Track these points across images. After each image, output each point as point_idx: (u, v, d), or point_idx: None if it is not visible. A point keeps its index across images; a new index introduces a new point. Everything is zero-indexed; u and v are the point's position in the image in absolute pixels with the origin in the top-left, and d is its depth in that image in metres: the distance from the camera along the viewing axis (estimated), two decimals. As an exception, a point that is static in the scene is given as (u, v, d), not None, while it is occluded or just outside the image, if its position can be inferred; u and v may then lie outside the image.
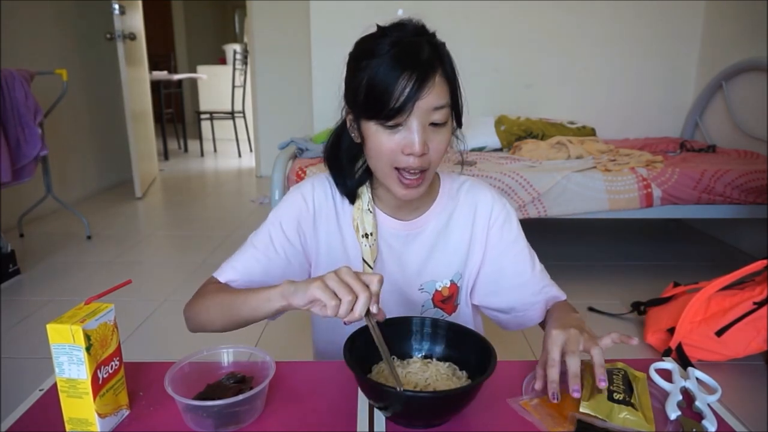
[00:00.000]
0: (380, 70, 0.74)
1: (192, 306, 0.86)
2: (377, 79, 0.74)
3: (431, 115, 0.76)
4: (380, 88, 0.74)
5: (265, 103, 4.68)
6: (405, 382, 0.71)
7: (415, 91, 0.73)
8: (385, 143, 0.77)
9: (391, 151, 0.77)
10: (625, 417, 0.64)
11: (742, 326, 1.75)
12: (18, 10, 3.27)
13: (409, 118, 0.75)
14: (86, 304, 0.66)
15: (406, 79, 0.73)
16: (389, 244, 0.91)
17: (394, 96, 0.73)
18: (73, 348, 0.62)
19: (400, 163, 0.78)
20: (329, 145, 0.91)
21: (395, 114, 0.74)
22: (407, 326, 0.78)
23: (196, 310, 0.85)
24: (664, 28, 3.35)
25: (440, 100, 0.76)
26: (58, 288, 2.45)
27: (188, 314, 0.87)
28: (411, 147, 0.76)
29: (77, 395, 0.63)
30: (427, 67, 0.74)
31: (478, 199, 0.93)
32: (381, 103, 0.74)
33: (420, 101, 0.74)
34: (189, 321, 0.87)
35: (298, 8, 4.01)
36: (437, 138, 0.78)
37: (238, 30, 8.71)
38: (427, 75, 0.74)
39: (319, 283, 0.66)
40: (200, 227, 3.46)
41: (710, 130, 3.25)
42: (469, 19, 3.34)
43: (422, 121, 0.76)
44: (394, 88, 0.73)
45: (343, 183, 0.89)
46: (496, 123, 3.12)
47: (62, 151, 3.71)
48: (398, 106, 0.73)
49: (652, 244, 3.12)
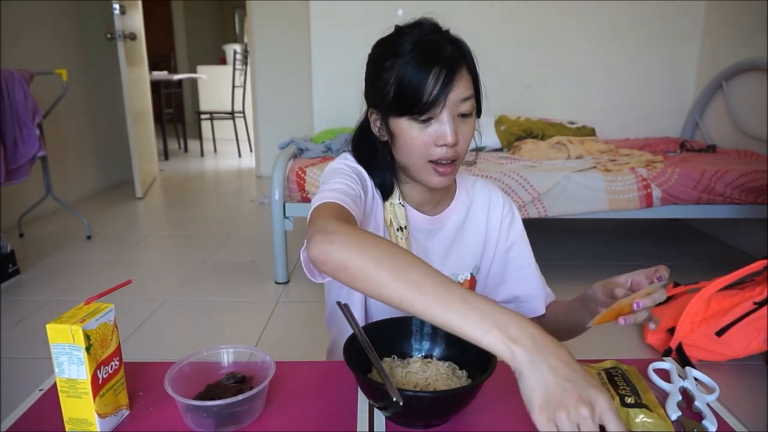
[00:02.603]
0: (409, 68, 0.78)
1: (356, 238, 0.63)
2: (407, 77, 0.78)
3: (460, 106, 0.80)
4: (412, 85, 0.77)
5: (265, 103, 4.68)
6: (405, 382, 0.71)
7: (445, 84, 0.77)
8: (418, 137, 0.81)
9: (425, 144, 0.81)
10: (643, 421, 0.63)
11: (743, 326, 1.75)
12: (18, 11, 3.27)
13: (441, 111, 0.79)
14: (86, 304, 0.66)
15: (436, 75, 0.77)
16: (415, 238, 0.93)
17: (426, 91, 0.77)
18: (72, 348, 0.62)
19: (433, 156, 0.81)
20: (357, 143, 0.91)
21: (428, 108, 0.78)
22: (407, 326, 0.78)
23: (367, 253, 0.61)
24: (664, 28, 3.35)
25: (467, 91, 0.80)
26: (58, 288, 2.46)
27: (343, 245, 0.63)
28: (444, 138, 0.79)
29: (77, 395, 0.63)
30: (453, 62, 0.78)
31: (491, 195, 0.99)
32: (414, 100, 0.78)
33: (451, 94, 0.78)
34: (336, 253, 0.63)
35: (298, 8, 4.01)
36: (465, 128, 0.82)
37: (238, 30, 8.72)
38: (455, 69, 0.78)
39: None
40: (200, 227, 3.46)
41: (710, 130, 3.25)
42: (469, 19, 3.34)
43: (452, 113, 0.80)
44: (426, 84, 0.77)
45: (381, 177, 0.89)
46: (496, 123, 3.12)
47: (62, 151, 3.71)
48: (431, 101, 0.77)
49: (652, 244, 3.12)
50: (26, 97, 2.67)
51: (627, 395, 0.67)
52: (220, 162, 5.84)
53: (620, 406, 0.65)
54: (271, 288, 2.46)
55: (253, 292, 2.42)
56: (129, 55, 3.83)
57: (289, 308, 2.28)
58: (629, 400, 0.66)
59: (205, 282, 2.53)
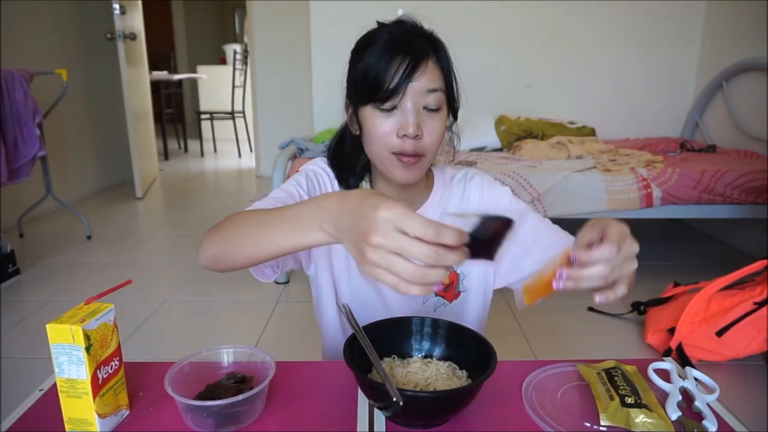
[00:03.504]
0: (375, 55, 0.78)
1: (215, 230, 0.74)
2: (372, 63, 0.78)
3: (424, 97, 0.79)
4: (375, 71, 0.78)
5: (265, 103, 4.68)
6: (405, 382, 0.71)
7: (409, 73, 0.77)
8: (381, 126, 0.80)
9: (387, 134, 0.80)
10: (643, 422, 0.63)
11: (743, 326, 1.75)
12: (18, 11, 3.27)
13: (403, 100, 0.78)
14: (86, 304, 0.66)
15: (399, 62, 0.77)
16: None
17: (389, 77, 0.77)
18: (72, 348, 0.62)
19: (395, 147, 0.81)
20: (333, 144, 0.94)
21: (390, 95, 0.78)
22: (407, 326, 0.78)
23: (222, 234, 0.73)
24: (664, 28, 3.35)
25: (432, 83, 0.79)
26: (58, 288, 2.46)
27: (209, 240, 0.75)
28: (405, 128, 0.78)
29: (77, 395, 0.63)
30: (419, 52, 0.78)
31: (468, 183, 0.96)
32: (376, 86, 0.78)
33: (413, 83, 0.77)
34: (207, 248, 0.74)
35: (298, 8, 4.01)
36: (431, 123, 0.81)
37: (238, 30, 8.72)
38: (420, 59, 0.77)
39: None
40: (200, 227, 3.46)
41: (710, 130, 3.25)
42: (469, 19, 3.34)
43: (416, 104, 0.79)
44: (389, 70, 0.77)
45: (346, 179, 0.92)
46: (496, 123, 3.12)
47: (62, 151, 3.71)
48: (393, 87, 0.77)
49: (652, 244, 3.12)
50: (26, 97, 2.67)
51: (627, 395, 0.67)
52: (220, 162, 5.84)
53: (620, 407, 0.65)
54: (271, 288, 2.46)
55: (253, 292, 2.42)
56: (129, 55, 3.83)
57: (289, 308, 2.28)
58: (629, 400, 0.66)
59: (205, 282, 2.53)
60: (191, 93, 7.90)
